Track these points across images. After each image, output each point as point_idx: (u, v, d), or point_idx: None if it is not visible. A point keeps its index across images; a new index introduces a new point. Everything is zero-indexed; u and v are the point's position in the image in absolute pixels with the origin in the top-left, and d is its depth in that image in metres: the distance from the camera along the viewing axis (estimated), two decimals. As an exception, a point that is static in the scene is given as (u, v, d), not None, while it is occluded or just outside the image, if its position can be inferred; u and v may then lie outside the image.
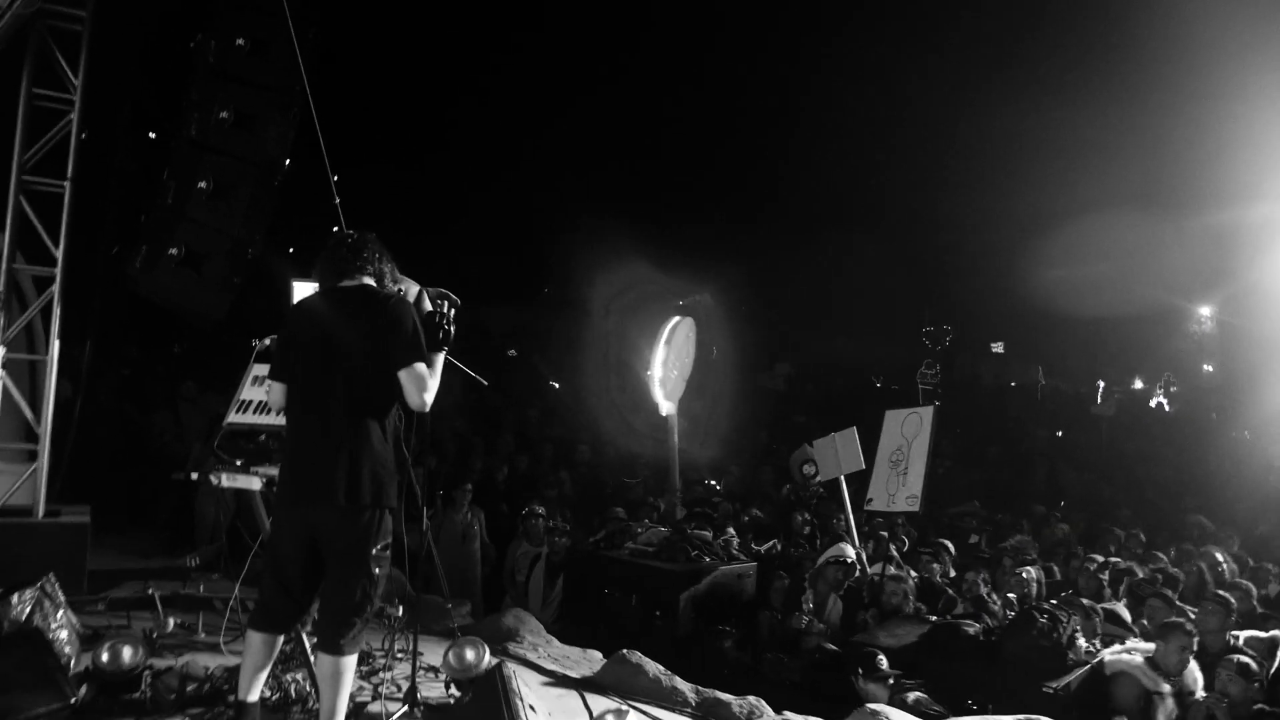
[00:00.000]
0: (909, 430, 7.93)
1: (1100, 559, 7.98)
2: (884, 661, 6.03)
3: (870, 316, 19.72)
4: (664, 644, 7.04)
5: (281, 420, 4.19)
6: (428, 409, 3.95)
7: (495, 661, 4.57)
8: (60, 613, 4.91)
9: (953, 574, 8.23)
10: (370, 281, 4.07)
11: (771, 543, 8.80)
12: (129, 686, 4.51)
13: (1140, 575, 7.78)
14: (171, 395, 8.87)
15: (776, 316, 16.71)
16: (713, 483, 11.68)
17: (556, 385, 15.66)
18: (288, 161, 6.16)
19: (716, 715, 5.03)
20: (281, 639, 4.08)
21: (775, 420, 14.78)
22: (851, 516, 8.16)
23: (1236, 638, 6.44)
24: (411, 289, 4.50)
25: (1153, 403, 21.46)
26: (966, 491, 11.41)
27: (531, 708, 3.87)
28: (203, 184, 5.88)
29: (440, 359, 4.19)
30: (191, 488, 7.71)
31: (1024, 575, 7.38)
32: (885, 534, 8.66)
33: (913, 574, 7.68)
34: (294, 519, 3.95)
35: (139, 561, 7.34)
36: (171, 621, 5.64)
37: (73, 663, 4.65)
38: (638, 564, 7.63)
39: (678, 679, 5.37)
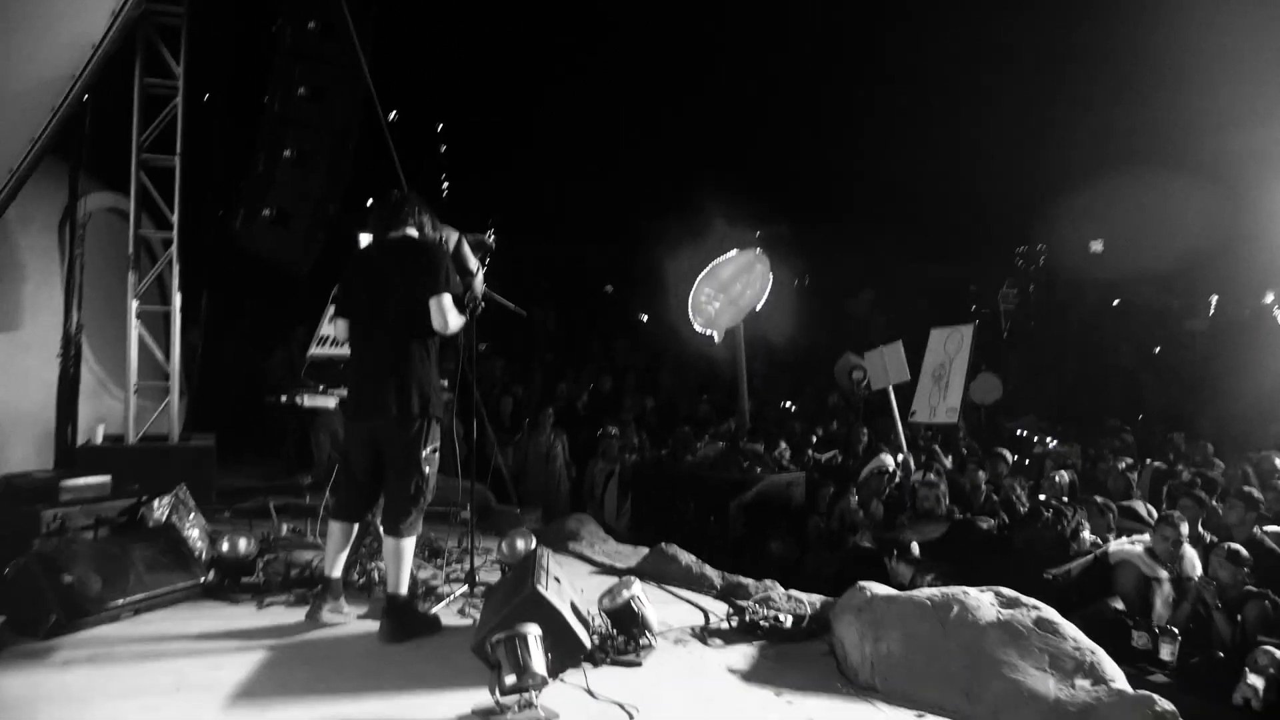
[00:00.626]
0: (951, 347, 8.39)
1: (1129, 460, 8.30)
2: (916, 549, 6.64)
3: (963, 238, 19.54)
4: (718, 546, 7.81)
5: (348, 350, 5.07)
6: (449, 332, 4.74)
7: (535, 546, 5.41)
8: (192, 515, 6.00)
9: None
10: (412, 231, 4.87)
11: (832, 453, 9.40)
12: (246, 571, 5.55)
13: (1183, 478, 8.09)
14: (286, 339, 10.00)
15: (863, 244, 16.94)
16: (788, 404, 12.27)
17: (645, 318, 16.44)
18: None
19: (735, 594, 5.75)
20: (356, 527, 5.01)
21: (856, 344, 15.13)
22: (900, 426, 8.67)
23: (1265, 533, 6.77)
24: (451, 236, 5.30)
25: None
26: (1033, 406, 11.68)
27: (556, 579, 4.67)
28: (287, 152, 6.81)
29: (478, 284, 5.02)
30: (307, 420, 8.84)
31: (1056, 478, 7.80)
32: (937, 447, 9.15)
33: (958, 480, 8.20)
34: (360, 430, 4.85)
35: (262, 482, 8.50)
36: (285, 527, 6.73)
37: (202, 554, 5.71)
38: (694, 475, 8.39)
39: (707, 567, 6.13)
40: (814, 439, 10.03)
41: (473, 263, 5.33)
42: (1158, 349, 17.17)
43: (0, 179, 6.89)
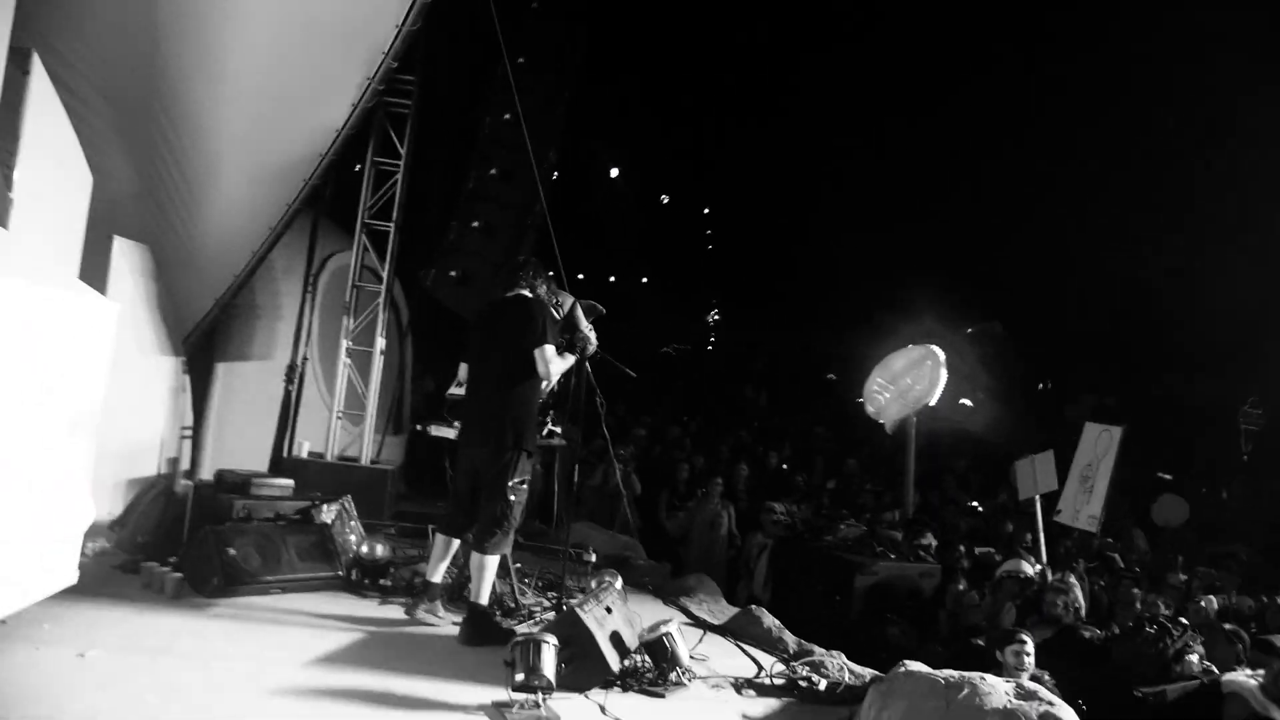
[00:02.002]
0: (1100, 447, 8.10)
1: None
2: (1029, 642, 6.48)
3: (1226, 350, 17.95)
4: (837, 625, 7.96)
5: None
6: (551, 380, 5.51)
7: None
8: (352, 522, 7.09)
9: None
10: (525, 292, 5.69)
11: (987, 549, 9.25)
12: (380, 573, 6.50)
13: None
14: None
15: (1087, 347, 16.15)
16: (975, 504, 12.04)
17: (833, 377, 16.81)
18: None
19: (803, 659, 5.97)
20: (457, 542, 5.82)
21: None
22: (1042, 534, 8.40)
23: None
24: (566, 300, 6.10)
25: None
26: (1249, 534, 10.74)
27: (608, 609, 5.21)
28: (475, 224, 7.98)
29: (590, 345, 5.82)
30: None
31: (1202, 603, 7.33)
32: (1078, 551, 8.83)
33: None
34: (465, 457, 5.71)
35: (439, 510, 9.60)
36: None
37: (350, 555, 6.75)
38: (827, 554, 8.59)
39: (787, 632, 6.41)
40: (961, 526, 9.85)
41: (585, 324, 6.08)
42: None
43: (261, 235, 8.54)
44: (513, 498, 5.54)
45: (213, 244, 8.39)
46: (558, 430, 6.23)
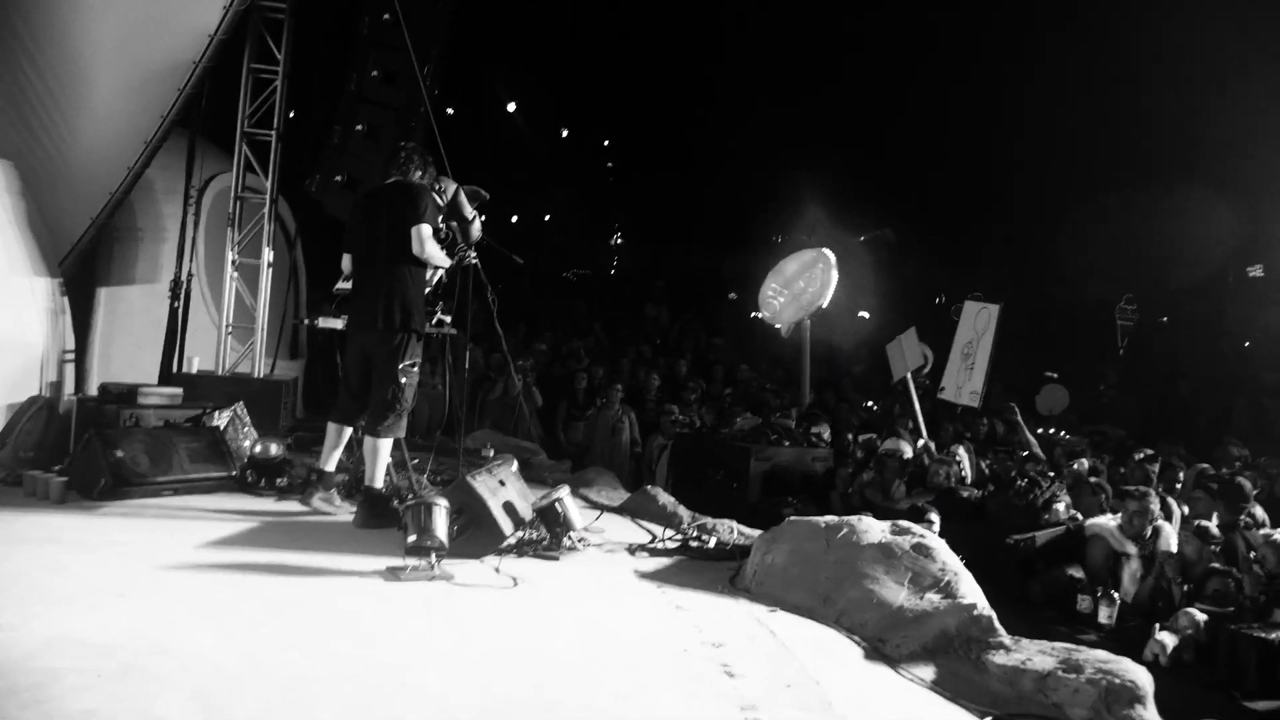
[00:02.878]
0: (980, 324, 8.44)
1: (1149, 452, 8.13)
2: (936, 522, 6.76)
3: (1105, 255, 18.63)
4: (738, 510, 8.24)
5: None
6: (427, 259, 5.54)
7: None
8: (246, 428, 7.05)
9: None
10: (405, 178, 5.64)
11: (871, 435, 9.63)
12: (276, 472, 6.48)
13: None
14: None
15: (973, 253, 16.72)
16: (870, 404, 12.46)
17: (734, 296, 17.29)
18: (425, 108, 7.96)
19: (702, 528, 6.17)
20: (349, 430, 5.83)
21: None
22: (919, 411, 8.77)
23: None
24: (450, 186, 6.09)
25: None
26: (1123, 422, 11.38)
27: (501, 482, 5.32)
28: (359, 126, 7.86)
29: (474, 230, 5.84)
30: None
31: (1075, 466, 7.80)
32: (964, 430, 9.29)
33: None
34: (354, 342, 5.71)
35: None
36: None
37: (246, 459, 6.71)
38: (725, 445, 8.85)
39: (682, 507, 6.63)
40: (856, 420, 10.25)
41: (469, 210, 6.09)
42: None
43: (137, 149, 8.27)
44: (404, 380, 5.55)
45: (85, 159, 8.10)
46: (447, 319, 6.24)
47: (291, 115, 8.33)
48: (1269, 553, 5.63)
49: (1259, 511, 6.65)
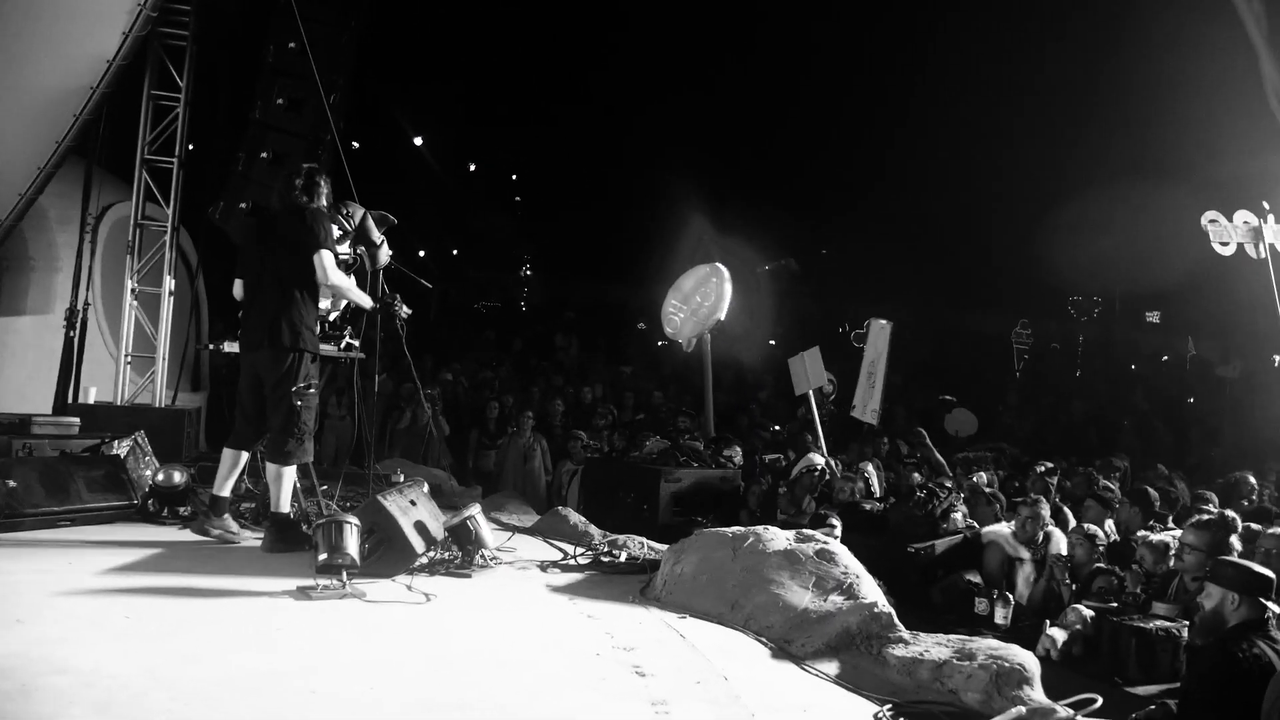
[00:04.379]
0: (880, 343, 8.76)
1: (1049, 465, 8.52)
2: (837, 526, 6.93)
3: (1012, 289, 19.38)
4: (651, 530, 8.33)
5: None
6: (331, 284, 5.47)
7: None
8: (147, 458, 6.88)
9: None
10: (301, 201, 5.48)
11: (777, 455, 9.84)
12: (178, 500, 6.34)
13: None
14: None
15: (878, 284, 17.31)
16: (776, 428, 12.70)
17: (642, 325, 17.47)
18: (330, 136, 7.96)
19: (614, 545, 6.25)
20: (246, 456, 5.72)
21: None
22: (820, 429, 9.03)
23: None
24: (357, 212, 6.10)
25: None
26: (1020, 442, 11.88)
27: (413, 502, 5.33)
28: (264, 154, 7.82)
29: (382, 255, 5.84)
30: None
31: (975, 478, 8.12)
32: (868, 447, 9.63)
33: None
34: (247, 365, 5.59)
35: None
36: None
37: (148, 488, 6.55)
38: (635, 467, 8.94)
39: (593, 527, 6.71)
40: (761, 443, 10.49)
41: (376, 235, 6.10)
42: (1191, 399, 17.00)
43: (29, 176, 8.07)
44: (299, 402, 5.40)
45: (-27, 186, 7.89)
46: (355, 344, 6.22)
47: (191, 146, 8.22)
48: (1146, 552, 5.97)
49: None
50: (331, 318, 6.17)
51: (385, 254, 6.16)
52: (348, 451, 9.28)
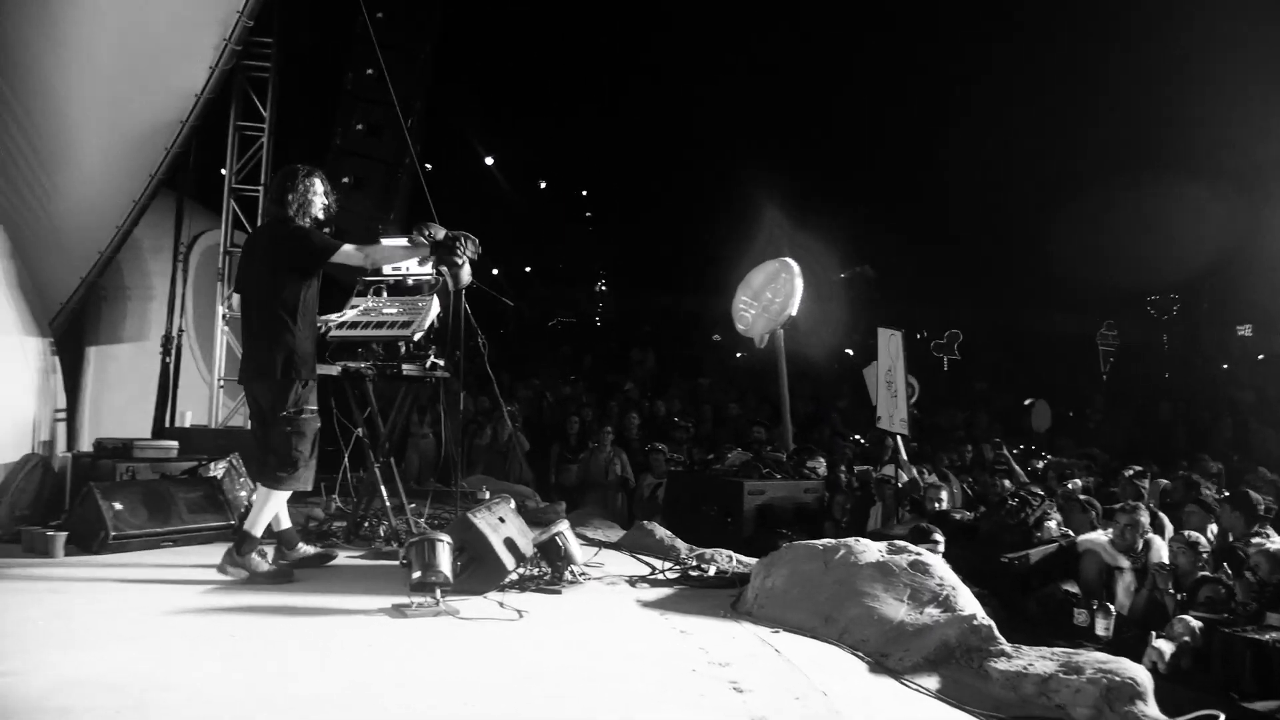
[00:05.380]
0: (892, 351, 8.59)
1: (1138, 469, 8.23)
2: (941, 542, 6.78)
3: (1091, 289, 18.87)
4: (735, 544, 8.28)
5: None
6: (368, 264, 5.48)
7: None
8: (242, 479, 7.04)
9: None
10: (283, 210, 5.27)
11: (868, 467, 9.71)
12: (273, 521, 6.49)
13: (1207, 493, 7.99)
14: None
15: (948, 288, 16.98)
16: (858, 438, 12.54)
17: (739, 356, 17.30)
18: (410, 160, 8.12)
19: (700, 558, 6.21)
20: None
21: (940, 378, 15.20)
22: (901, 443, 8.87)
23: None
24: (439, 232, 6.13)
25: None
26: (1109, 442, 11.54)
27: (501, 519, 5.37)
28: (346, 179, 8.00)
29: (464, 275, 5.83)
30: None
31: (1070, 485, 7.90)
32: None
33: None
34: (249, 395, 5.46)
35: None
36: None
37: (245, 509, 6.72)
38: (719, 479, 8.90)
39: (679, 540, 6.68)
40: (845, 454, 10.35)
41: (459, 256, 6.11)
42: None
43: (125, 209, 8.37)
44: (288, 428, 5.15)
45: (74, 220, 8.20)
46: (440, 363, 6.30)
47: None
48: (1262, 561, 5.72)
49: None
50: (416, 337, 6.24)
51: (467, 274, 6.20)
52: (432, 469, 9.43)
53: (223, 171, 8.53)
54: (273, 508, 5.23)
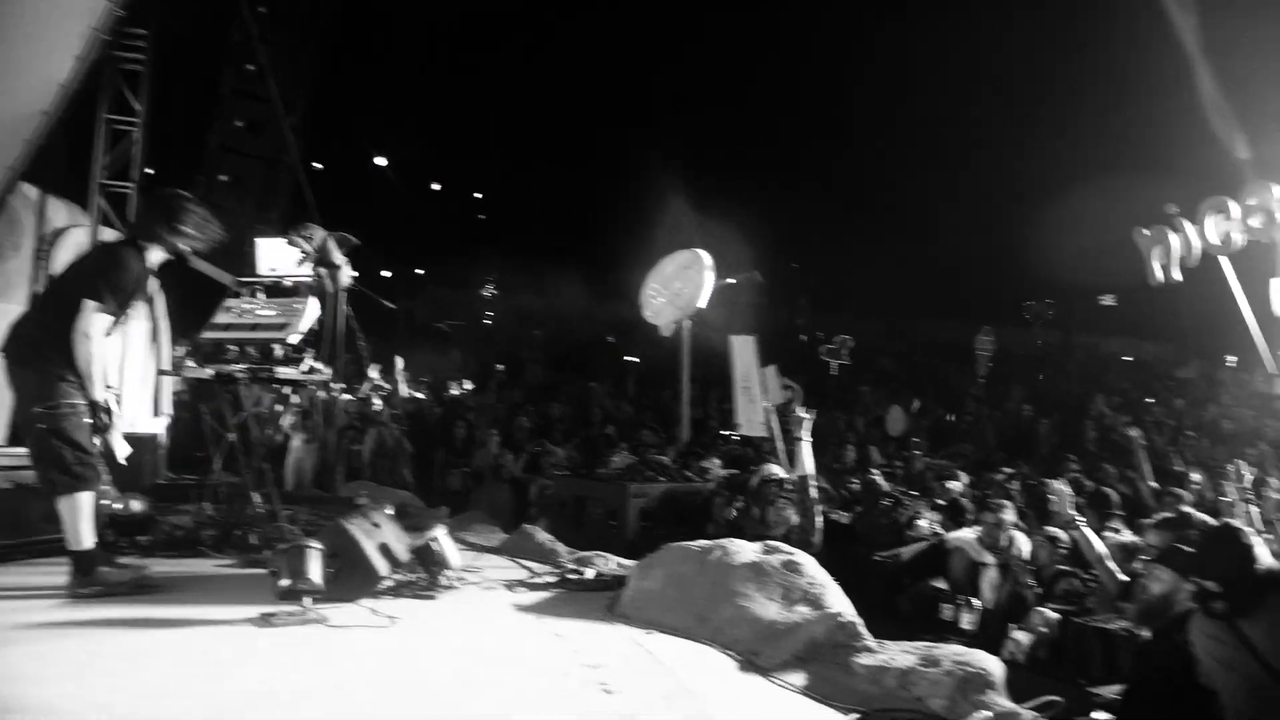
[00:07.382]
0: (746, 357, 8.81)
1: (1010, 471, 8.62)
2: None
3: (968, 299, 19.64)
4: (620, 547, 8.31)
5: None
6: (77, 337, 4.74)
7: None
8: (105, 487, 6.74)
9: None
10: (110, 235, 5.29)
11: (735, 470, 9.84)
12: (139, 529, 6.26)
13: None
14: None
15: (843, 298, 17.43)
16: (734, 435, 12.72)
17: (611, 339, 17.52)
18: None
19: (580, 562, 6.22)
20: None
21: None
22: (779, 440, 9.05)
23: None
24: (317, 234, 6.05)
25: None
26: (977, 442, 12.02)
27: (376, 525, 5.27)
28: (223, 176, 7.78)
29: (343, 277, 5.74)
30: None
31: (947, 486, 8.18)
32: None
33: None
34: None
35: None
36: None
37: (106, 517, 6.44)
38: (603, 482, 8.93)
39: (559, 544, 6.67)
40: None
41: (338, 257, 6.06)
42: (1150, 399, 17.29)
43: (-19, 202, 7.95)
44: (42, 425, 4.78)
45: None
46: (319, 366, 6.16)
47: (148, 170, 8.15)
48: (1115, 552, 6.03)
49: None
50: (292, 340, 6.09)
51: (347, 276, 6.12)
52: (311, 476, 9.19)
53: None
54: (79, 514, 4.85)
